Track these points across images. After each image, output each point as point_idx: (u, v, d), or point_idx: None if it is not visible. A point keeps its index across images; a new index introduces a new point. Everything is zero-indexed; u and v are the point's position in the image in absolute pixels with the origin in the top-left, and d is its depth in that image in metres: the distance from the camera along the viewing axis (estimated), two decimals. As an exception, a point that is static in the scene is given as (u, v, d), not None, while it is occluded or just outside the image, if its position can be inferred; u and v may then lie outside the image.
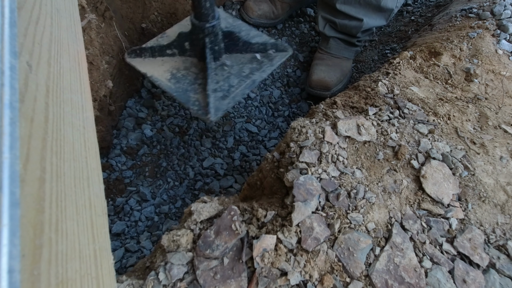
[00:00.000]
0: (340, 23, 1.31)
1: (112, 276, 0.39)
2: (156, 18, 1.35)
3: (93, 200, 0.36)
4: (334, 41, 1.42)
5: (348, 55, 1.45)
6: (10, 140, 0.21)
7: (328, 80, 1.38)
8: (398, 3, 1.25)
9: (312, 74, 1.41)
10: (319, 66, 1.42)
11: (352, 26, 1.30)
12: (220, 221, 0.58)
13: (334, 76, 1.40)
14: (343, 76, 1.44)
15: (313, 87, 1.40)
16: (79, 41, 0.47)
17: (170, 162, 1.27)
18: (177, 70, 1.03)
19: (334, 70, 1.41)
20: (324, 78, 1.38)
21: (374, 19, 1.29)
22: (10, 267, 0.18)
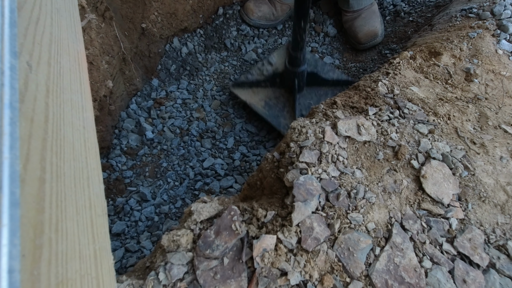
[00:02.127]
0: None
1: (112, 276, 0.39)
2: (156, 18, 1.35)
3: (93, 200, 0.36)
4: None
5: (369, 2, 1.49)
6: (10, 140, 0.21)
7: (372, 29, 1.46)
8: None
9: (356, 33, 1.48)
10: (357, 22, 1.49)
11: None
12: (220, 221, 0.58)
13: (374, 22, 1.47)
14: (379, 17, 1.51)
15: (364, 42, 1.48)
16: (79, 41, 0.47)
17: (170, 163, 1.27)
18: (269, 99, 1.32)
19: (370, 17, 1.48)
20: (369, 29, 1.46)
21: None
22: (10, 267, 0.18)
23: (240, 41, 1.59)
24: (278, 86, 1.33)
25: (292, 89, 1.27)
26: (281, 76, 1.30)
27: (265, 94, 1.32)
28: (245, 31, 1.60)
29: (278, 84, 1.32)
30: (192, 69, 1.51)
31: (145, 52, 1.38)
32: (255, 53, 1.56)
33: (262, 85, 1.34)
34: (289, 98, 1.30)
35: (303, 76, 1.25)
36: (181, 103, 1.42)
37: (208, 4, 1.53)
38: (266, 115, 1.27)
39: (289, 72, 1.22)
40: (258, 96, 1.32)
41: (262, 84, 1.33)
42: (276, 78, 1.31)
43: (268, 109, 1.29)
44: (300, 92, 1.31)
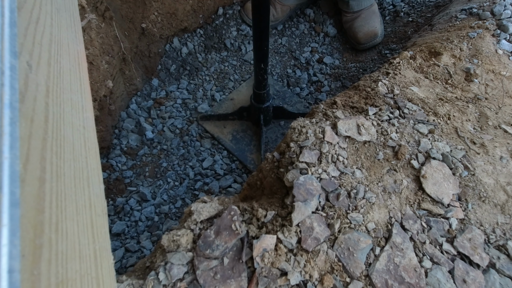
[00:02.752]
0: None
1: (112, 276, 0.39)
2: (156, 18, 1.35)
3: (93, 200, 0.36)
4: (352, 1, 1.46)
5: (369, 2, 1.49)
6: (10, 140, 0.21)
7: (372, 29, 1.45)
8: None
9: (356, 33, 1.47)
10: (356, 23, 1.48)
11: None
12: (220, 221, 0.58)
13: (374, 23, 1.46)
14: (378, 17, 1.50)
15: (363, 42, 1.47)
16: (79, 41, 0.47)
17: (170, 163, 1.27)
18: (236, 132, 1.33)
19: (369, 18, 1.47)
20: (369, 29, 1.45)
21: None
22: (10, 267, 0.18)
23: (240, 41, 1.59)
24: (246, 119, 1.35)
25: (258, 122, 1.29)
26: (248, 110, 1.30)
27: (232, 127, 1.34)
28: (245, 31, 1.60)
29: (245, 118, 1.34)
30: (192, 69, 1.51)
31: (145, 52, 1.38)
32: (255, 53, 1.56)
33: (230, 118, 1.35)
34: (256, 131, 1.32)
35: (269, 111, 1.27)
36: (181, 103, 1.42)
37: (208, 4, 1.53)
38: (233, 149, 1.28)
39: (255, 107, 1.24)
40: (226, 129, 1.33)
41: (230, 117, 1.34)
42: (243, 112, 1.32)
43: (235, 143, 1.30)
44: (267, 125, 1.33)
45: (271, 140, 1.32)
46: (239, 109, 1.32)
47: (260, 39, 0.95)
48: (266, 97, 1.20)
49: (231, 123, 1.34)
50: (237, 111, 1.33)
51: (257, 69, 1.07)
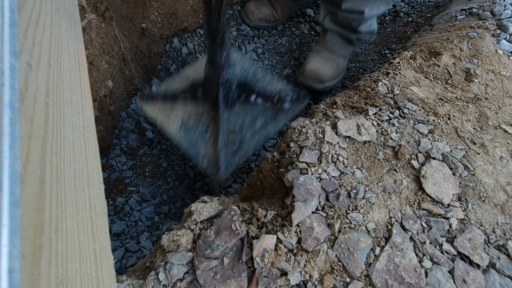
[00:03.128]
0: (340, 14, 1.27)
1: (112, 276, 0.39)
2: (156, 18, 1.35)
3: (93, 200, 0.36)
4: (331, 35, 1.36)
5: (344, 52, 1.39)
6: (10, 140, 0.21)
7: (323, 72, 1.29)
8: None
9: (306, 63, 1.32)
10: (315, 57, 1.36)
11: (353, 19, 1.26)
12: (220, 221, 0.58)
13: (329, 70, 1.32)
14: (337, 73, 1.37)
15: (306, 77, 1.29)
16: (79, 41, 0.47)
17: (170, 163, 1.27)
18: (188, 117, 0.97)
19: (330, 64, 1.34)
20: (319, 69, 1.30)
21: (378, 6, 1.22)
22: (10, 267, 0.18)
23: (240, 41, 1.59)
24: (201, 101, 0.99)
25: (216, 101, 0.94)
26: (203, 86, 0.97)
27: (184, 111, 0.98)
28: (245, 31, 1.60)
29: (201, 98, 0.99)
30: (192, 69, 1.50)
31: (145, 52, 1.38)
32: (255, 53, 1.56)
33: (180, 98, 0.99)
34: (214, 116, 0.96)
35: (231, 86, 0.92)
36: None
37: (208, 4, 1.53)
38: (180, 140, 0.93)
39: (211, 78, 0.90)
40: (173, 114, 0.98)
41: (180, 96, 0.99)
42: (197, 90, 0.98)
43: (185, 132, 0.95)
44: (231, 108, 0.98)
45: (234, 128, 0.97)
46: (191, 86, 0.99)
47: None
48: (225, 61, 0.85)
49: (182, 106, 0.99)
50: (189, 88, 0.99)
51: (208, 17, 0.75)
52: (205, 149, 0.93)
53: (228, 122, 0.97)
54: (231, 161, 0.90)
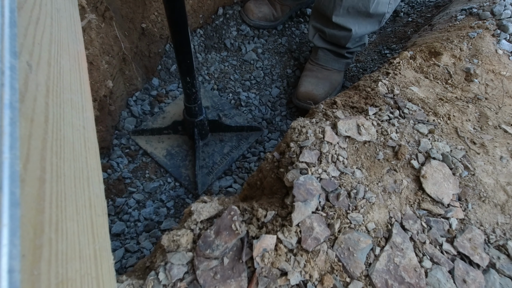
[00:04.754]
0: (329, 32, 1.29)
1: (112, 276, 0.39)
2: (156, 18, 1.35)
3: (93, 200, 0.36)
4: (322, 52, 1.39)
5: (338, 67, 1.42)
6: (10, 140, 0.21)
7: (316, 94, 1.35)
8: (390, 8, 1.20)
9: (300, 86, 1.38)
10: (308, 78, 1.39)
11: (341, 36, 1.28)
12: (220, 221, 0.58)
13: (322, 89, 1.37)
14: (331, 89, 1.41)
15: (300, 99, 1.37)
16: (79, 41, 0.47)
17: (170, 162, 1.27)
18: (171, 147, 1.26)
19: (323, 83, 1.38)
20: (312, 91, 1.35)
21: (365, 26, 1.25)
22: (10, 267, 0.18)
23: (240, 41, 1.59)
24: (181, 134, 1.28)
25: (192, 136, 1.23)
26: (182, 124, 1.24)
27: (168, 143, 1.27)
28: (245, 31, 1.60)
29: (181, 132, 1.27)
30: (192, 69, 1.50)
31: (145, 52, 1.38)
32: (255, 53, 1.56)
33: (164, 133, 1.27)
34: (192, 145, 1.25)
35: (203, 124, 1.21)
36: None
37: (208, 4, 1.53)
38: (167, 165, 1.22)
39: (188, 122, 1.18)
40: (161, 145, 1.26)
41: (164, 131, 1.27)
42: (178, 126, 1.25)
43: (170, 158, 1.23)
44: (204, 139, 1.27)
45: (207, 155, 1.25)
46: (173, 123, 1.25)
47: (182, 52, 0.92)
48: (198, 111, 1.14)
49: (166, 138, 1.27)
50: (171, 125, 1.26)
51: (184, 83, 1.02)
52: (186, 171, 1.22)
53: (202, 150, 1.26)
54: (205, 180, 1.21)
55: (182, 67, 0.97)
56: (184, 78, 1.01)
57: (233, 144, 1.30)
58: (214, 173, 1.22)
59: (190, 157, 1.24)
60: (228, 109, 1.39)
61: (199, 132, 1.22)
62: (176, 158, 1.24)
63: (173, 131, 1.27)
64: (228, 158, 1.26)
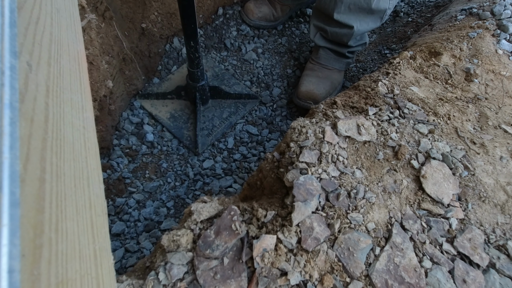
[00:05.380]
0: (330, 30, 1.29)
1: (112, 276, 0.39)
2: (156, 18, 1.35)
3: (93, 200, 0.36)
4: (323, 51, 1.39)
5: (338, 66, 1.42)
6: (10, 140, 0.21)
7: (317, 93, 1.35)
8: (391, 4, 1.20)
9: (300, 85, 1.39)
10: (309, 77, 1.40)
11: (343, 34, 1.27)
12: (220, 221, 0.58)
13: (323, 88, 1.37)
14: (332, 89, 1.41)
15: (301, 99, 1.38)
16: (79, 41, 0.47)
17: (171, 163, 1.27)
18: (175, 111, 1.37)
19: (324, 82, 1.38)
20: (313, 90, 1.35)
21: (367, 23, 1.25)
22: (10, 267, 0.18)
23: (240, 41, 1.59)
24: (184, 99, 1.38)
25: (194, 100, 1.33)
26: (185, 89, 1.34)
27: (172, 106, 1.37)
28: (245, 31, 1.60)
29: (184, 97, 1.37)
30: (192, 69, 1.50)
31: (145, 52, 1.38)
32: (255, 53, 1.56)
33: (168, 97, 1.37)
34: (193, 110, 1.35)
35: (205, 90, 1.30)
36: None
37: (208, 4, 1.53)
38: (170, 127, 1.32)
39: (190, 86, 1.27)
40: (165, 108, 1.36)
41: (168, 96, 1.37)
42: (181, 91, 1.35)
43: (173, 121, 1.34)
44: (205, 104, 1.37)
45: (207, 118, 1.36)
46: (176, 88, 1.35)
47: (187, 16, 0.98)
48: (200, 76, 1.22)
49: (170, 103, 1.38)
50: (175, 90, 1.35)
51: (187, 47, 1.09)
52: (187, 132, 1.33)
53: (202, 114, 1.37)
54: (205, 141, 1.32)
55: (186, 31, 1.03)
56: (188, 42, 1.07)
57: (232, 110, 1.40)
58: (213, 134, 1.32)
59: (192, 120, 1.34)
60: (228, 79, 1.47)
61: (200, 97, 1.31)
62: (179, 120, 1.34)
63: (176, 96, 1.36)
64: (226, 122, 1.36)
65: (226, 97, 1.41)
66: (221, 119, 1.37)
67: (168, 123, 1.33)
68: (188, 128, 1.33)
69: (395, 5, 1.69)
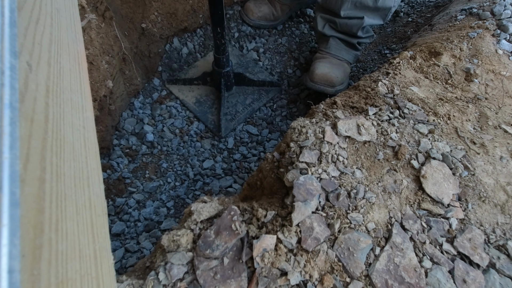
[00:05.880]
0: (340, 22, 1.28)
1: (112, 276, 0.39)
2: (156, 18, 1.35)
3: (93, 200, 0.36)
4: (334, 40, 1.37)
5: (348, 57, 1.40)
6: (10, 140, 0.21)
7: (333, 76, 1.31)
8: (396, 2, 1.22)
9: (315, 69, 1.33)
10: (322, 62, 1.36)
11: (353, 24, 1.27)
12: (220, 221, 0.58)
13: (338, 73, 1.33)
14: (345, 77, 1.38)
15: (317, 82, 1.32)
16: (79, 41, 0.47)
17: (171, 163, 1.27)
18: (200, 96, 1.44)
19: (338, 68, 1.35)
20: (329, 73, 1.31)
21: (373, 18, 1.27)
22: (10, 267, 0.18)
23: (241, 40, 1.59)
24: (209, 85, 1.43)
25: (219, 86, 1.38)
26: (210, 75, 1.39)
27: (198, 92, 1.44)
28: (246, 31, 1.60)
29: (209, 83, 1.43)
30: (192, 69, 1.50)
31: (145, 52, 1.38)
32: (255, 52, 1.56)
33: (195, 83, 1.44)
34: (218, 95, 1.40)
35: (229, 76, 1.36)
36: (180, 103, 1.42)
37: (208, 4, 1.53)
38: (195, 111, 1.39)
39: (216, 72, 1.33)
40: (191, 93, 1.43)
41: (195, 82, 1.43)
42: (207, 77, 1.41)
43: (198, 105, 1.41)
44: (229, 90, 1.43)
45: (231, 104, 1.42)
46: (202, 74, 1.41)
47: (214, 3, 1.05)
48: (225, 62, 1.27)
49: (196, 88, 1.44)
50: (201, 76, 1.41)
51: (214, 33, 1.15)
52: (212, 117, 1.39)
53: (227, 100, 1.42)
54: (228, 125, 1.37)
55: (214, 17, 1.08)
56: (215, 29, 1.12)
57: (255, 97, 1.45)
58: (236, 119, 1.38)
59: (216, 105, 1.40)
60: (252, 67, 1.53)
61: (225, 83, 1.37)
62: (204, 105, 1.41)
63: (202, 82, 1.43)
64: (249, 108, 1.42)
65: (250, 84, 1.45)
66: (244, 105, 1.42)
67: (193, 107, 1.39)
68: (212, 112, 1.39)
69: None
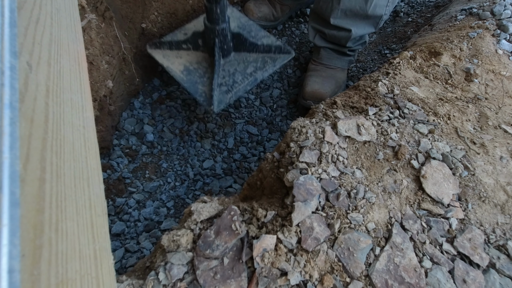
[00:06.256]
0: (329, 33, 1.28)
1: (112, 276, 0.39)
2: (156, 18, 1.35)
3: (93, 200, 0.36)
4: (324, 51, 1.38)
5: (341, 64, 1.41)
6: (10, 140, 0.21)
7: (323, 92, 1.34)
8: (387, 10, 1.20)
9: (305, 86, 1.36)
10: (313, 77, 1.38)
11: (341, 37, 1.28)
12: (220, 221, 0.58)
13: (328, 87, 1.36)
14: (337, 87, 1.40)
15: (307, 99, 1.35)
16: (79, 41, 0.47)
17: (171, 163, 1.27)
18: (190, 64, 1.16)
19: (329, 81, 1.37)
20: (319, 90, 1.34)
21: (363, 28, 1.25)
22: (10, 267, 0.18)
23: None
24: (202, 50, 1.17)
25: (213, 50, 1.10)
26: (203, 36, 1.12)
27: (186, 58, 1.16)
28: (245, 31, 1.60)
29: (201, 48, 1.16)
30: (192, 69, 1.50)
31: (145, 52, 1.38)
32: (255, 53, 1.56)
33: (183, 47, 1.17)
34: (212, 63, 1.14)
35: (226, 36, 1.07)
36: (181, 103, 1.42)
37: (208, 4, 1.53)
38: (183, 80, 1.12)
39: (209, 30, 1.05)
40: (178, 60, 1.16)
41: (184, 46, 1.16)
42: (198, 39, 1.14)
43: (187, 74, 1.13)
44: (226, 57, 1.15)
45: (228, 73, 1.13)
46: (192, 35, 1.15)
47: None
48: (220, 15, 0.99)
49: (185, 54, 1.17)
50: (191, 38, 1.15)
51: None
52: (203, 87, 1.12)
53: (222, 69, 1.15)
54: (223, 98, 1.10)
55: None
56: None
57: (258, 65, 1.17)
58: (233, 92, 1.11)
59: (209, 74, 1.14)
60: (256, 30, 1.24)
61: (220, 45, 1.09)
62: (194, 74, 1.15)
63: (193, 46, 1.17)
64: (250, 78, 1.14)
65: (252, 50, 1.17)
66: (244, 74, 1.15)
67: (180, 76, 1.13)
68: (204, 83, 1.12)
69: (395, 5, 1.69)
